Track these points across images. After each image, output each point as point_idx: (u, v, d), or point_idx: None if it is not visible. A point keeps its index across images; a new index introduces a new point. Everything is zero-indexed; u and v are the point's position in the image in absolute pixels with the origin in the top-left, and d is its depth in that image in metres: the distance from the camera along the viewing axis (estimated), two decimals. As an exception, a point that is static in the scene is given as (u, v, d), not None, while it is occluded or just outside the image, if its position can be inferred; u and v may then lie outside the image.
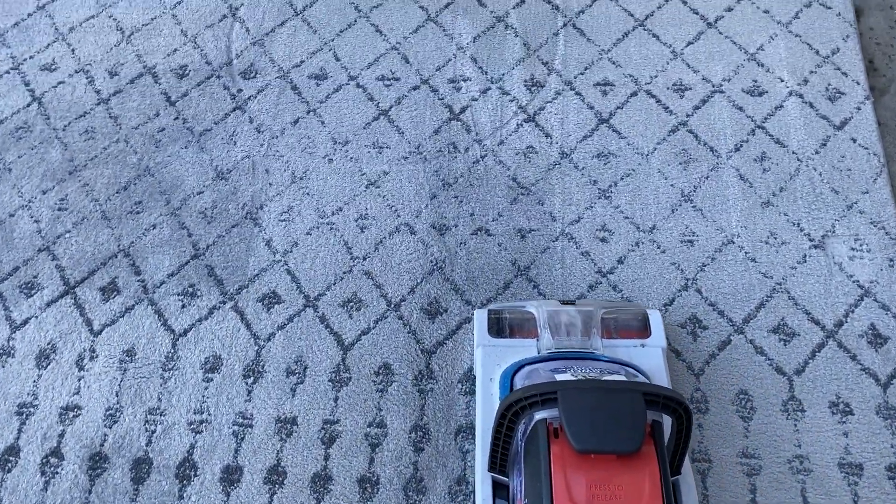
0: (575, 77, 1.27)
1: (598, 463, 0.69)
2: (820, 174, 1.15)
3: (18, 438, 1.02)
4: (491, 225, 1.15)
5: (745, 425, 0.97)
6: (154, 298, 1.11)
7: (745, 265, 1.09)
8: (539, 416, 0.73)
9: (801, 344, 1.02)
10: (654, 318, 0.95)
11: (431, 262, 1.12)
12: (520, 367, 0.88)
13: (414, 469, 0.97)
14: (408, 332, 1.06)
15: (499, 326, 0.95)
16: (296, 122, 1.26)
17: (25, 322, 1.10)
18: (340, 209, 1.17)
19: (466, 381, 1.02)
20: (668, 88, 1.24)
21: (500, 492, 0.82)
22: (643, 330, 0.95)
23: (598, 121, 1.22)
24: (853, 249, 1.09)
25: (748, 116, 1.21)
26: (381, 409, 1.01)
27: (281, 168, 1.21)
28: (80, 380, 1.05)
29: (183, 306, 1.10)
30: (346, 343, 1.06)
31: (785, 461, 0.95)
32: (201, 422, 1.01)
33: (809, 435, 0.96)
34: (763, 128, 1.20)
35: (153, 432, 1.01)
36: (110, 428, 1.02)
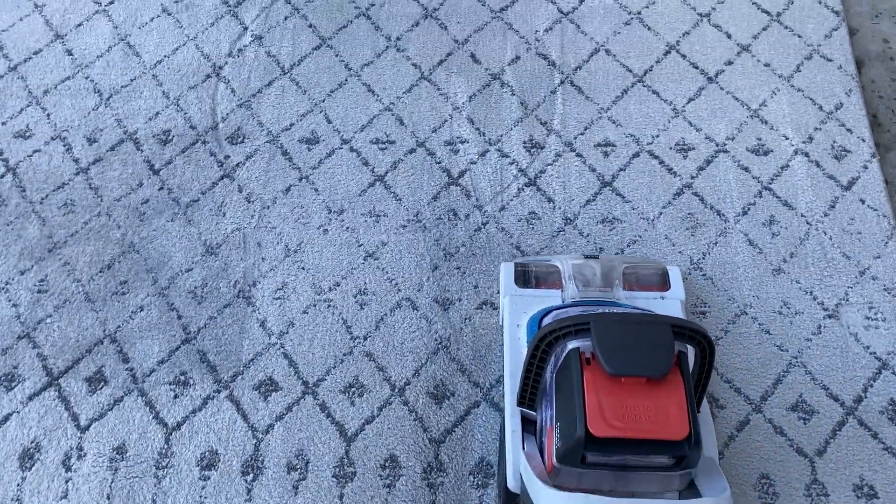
0: (575, 137, 1.23)
1: (628, 387, 0.73)
2: (830, 238, 1.12)
3: (2, 550, 0.96)
4: (496, 298, 1.10)
5: (769, 513, 0.94)
6: (144, 388, 1.05)
7: (760, 337, 1.06)
8: (572, 345, 0.77)
9: (821, 422, 0.99)
10: (674, 273, 1.00)
11: (436, 340, 1.08)
12: (547, 312, 0.92)
13: (427, 572, 0.92)
14: (414, 420, 1.02)
15: (525, 278, 1.00)
16: (288, 190, 1.20)
17: (6, 418, 1.04)
18: (338, 284, 1.12)
19: (479, 473, 0.98)
20: (670, 148, 1.21)
21: (528, 427, 0.85)
22: (663, 284, 0.99)
23: (601, 184, 1.19)
24: (868, 318, 1.06)
25: (754, 177, 1.18)
26: (389, 506, 0.96)
27: (273, 241, 1.16)
28: (67, 482, 0.99)
29: (175, 396, 1.05)
30: (349, 433, 1.01)
31: (811, 551, 0.92)
32: (199, 526, 0.96)
33: (835, 521, 0.93)
34: (770, 189, 1.17)
35: (148, 539, 0.95)
36: (101, 535, 0.96)
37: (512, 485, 0.84)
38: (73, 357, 1.08)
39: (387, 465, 0.99)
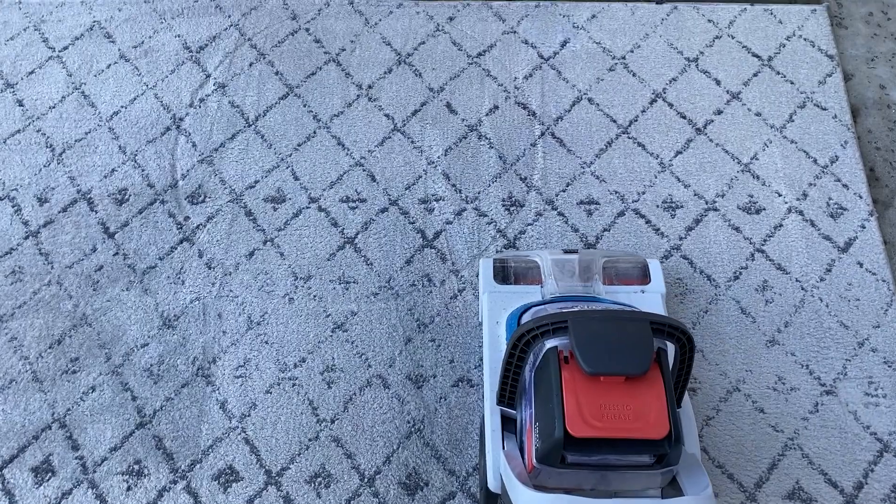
0: (556, 195, 1.16)
1: (607, 385, 0.72)
2: (827, 305, 1.06)
3: None
4: (473, 373, 1.04)
5: None
6: (95, 479, 0.98)
7: (754, 417, 0.99)
8: (550, 344, 0.75)
9: (820, 513, 0.93)
10: (654, 266, 1.00)
11: (408, 422, 1.01)
12: (526, 308, 0.92)
13: None
14: (385, 513, 0.95)
15: (504, 274, 1.00)
16: (251, 254, 1.13)
17: (-56, 516, 0.96)
18: (303, 360, 1.05)
19: (453, 575, 0.91)
20: (657, 206, 1.15)
21: (508, 426, 0.85)
22: (643, 277, 0.99)
23: (585, 246, 1.12)
24: (867, 395, 1.00)
25: (746, 238, 1.12)
26: None
27: (235, 311, 1.09)
28: (9, 588, 0.92)
29: (129, 488, 0.97)
30: (315, 530, 0.94)
31: None
32: None
33: None
34: (763, 251, 1.10)
35: None
36: None
37: (492, 485, 0.83)
38: (19, 444, 1.00)
39: (355, 566, 0.92)
